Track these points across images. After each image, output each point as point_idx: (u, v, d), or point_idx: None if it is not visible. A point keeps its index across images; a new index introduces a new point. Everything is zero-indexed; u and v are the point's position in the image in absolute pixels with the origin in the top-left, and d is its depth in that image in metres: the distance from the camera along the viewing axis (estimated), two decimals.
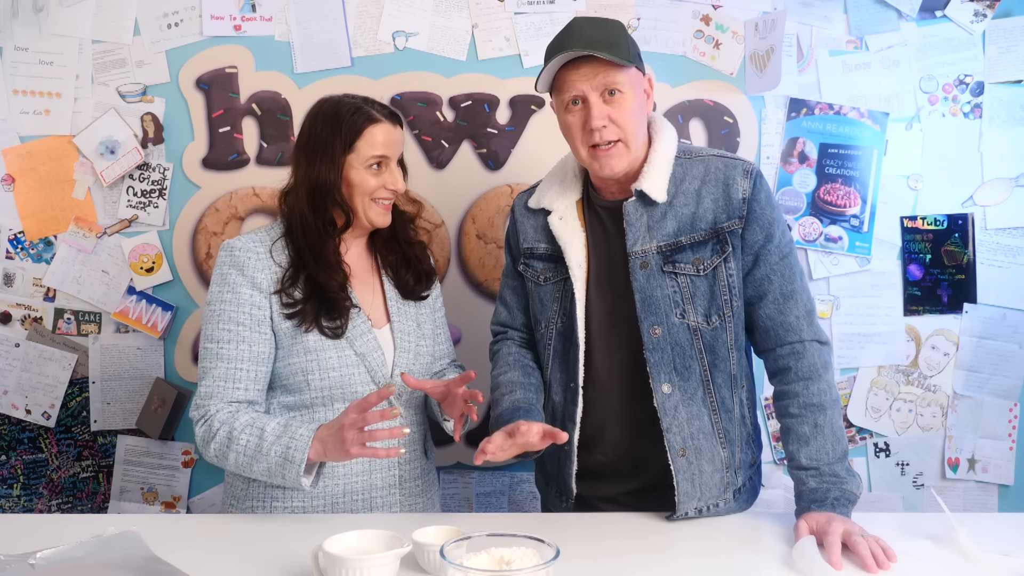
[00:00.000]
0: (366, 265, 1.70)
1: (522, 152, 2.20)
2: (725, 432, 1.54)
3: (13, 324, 2.19)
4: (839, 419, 1.49)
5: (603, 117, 1.47)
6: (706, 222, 1.52)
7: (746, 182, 1.52)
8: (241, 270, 1.57)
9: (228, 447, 1.49)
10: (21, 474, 2.21)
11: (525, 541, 1.03)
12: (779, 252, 1.53)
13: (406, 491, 1.64)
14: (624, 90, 1.48)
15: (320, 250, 1.59)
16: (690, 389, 1.52)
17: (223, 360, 1.54)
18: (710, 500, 1.52)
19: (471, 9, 2.18)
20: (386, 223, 1.64)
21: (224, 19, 2.17)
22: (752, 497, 1.63)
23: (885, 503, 2.22)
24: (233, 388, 1.54)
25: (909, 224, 2.20)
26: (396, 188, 1.61)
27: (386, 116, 1.61)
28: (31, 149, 2.17)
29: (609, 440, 1.58)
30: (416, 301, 1.70)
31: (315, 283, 1.58)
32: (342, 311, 1.58)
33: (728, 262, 1.51)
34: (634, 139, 1.51)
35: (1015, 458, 2.22)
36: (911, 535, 1.42)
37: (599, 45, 1.45)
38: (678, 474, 1.49)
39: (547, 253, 1.63)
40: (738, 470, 1.56)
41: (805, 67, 2.20)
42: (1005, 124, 2.19)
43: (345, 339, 1.58)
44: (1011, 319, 2.21)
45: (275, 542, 1.38)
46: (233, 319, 1.55)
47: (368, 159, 1.58)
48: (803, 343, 1.52)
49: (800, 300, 1.53)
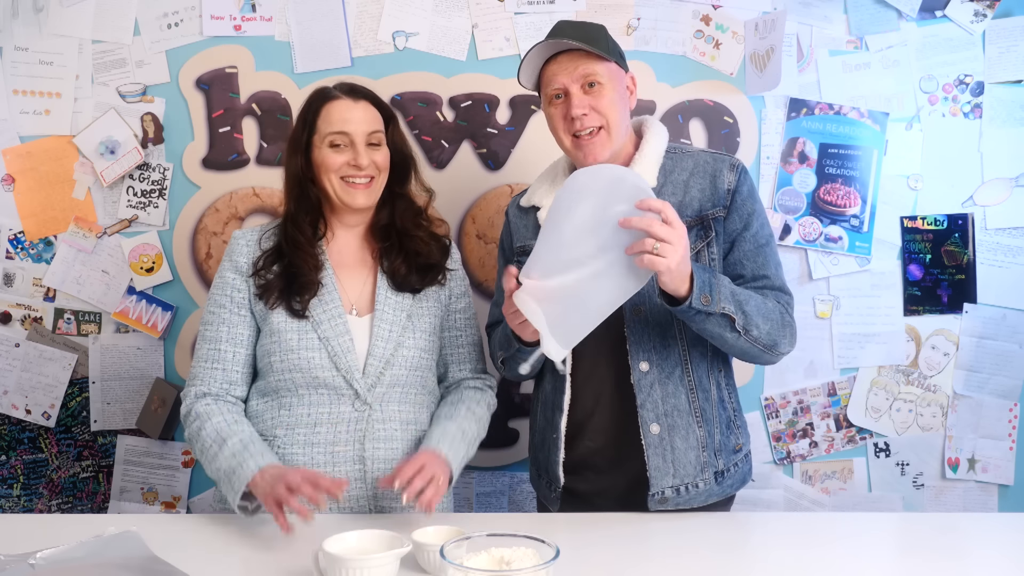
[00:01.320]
0: (359, 255, 1.69)
1: (522, 152, 2.20)
2: (702, 411, 1.57)
3: (13, 324, 2.19)
4: (768, 312, 1.50)
5: (583, 106, 1.54)
6: (692, 209, 1.58)
7: (732, 175, 1.60)
8: (230, 256, 1.66)
9: (195, 439, 1.56)
10: (21, 474, 2.21)
11: (525, 541, 1.03)
12: (754, 241, 1.58)
13: (382, 493, 1.58)
14: (603, 81, 1.55)
15: (293, 232, 1.63)
16: (668, 367, 1.56)
17: (207, 341, 1.62)
18: (686, 479, 1.55)
19: (471, 9, 2.18)
20: (364, 203, 1.62)
21: (224, 19, 2.17)
22: (739, 484, 1.65)
23: (885, 503, 2.22)
24: (212, 368, 1.60)
25: (909, 224, 2.20)
26: (359, 163, 1.59)
27: (346, 92, 1.63)
28: (31, 149, 2.17)
29: (595, 426, 1.62)
30: (413, 294, 1.66)
31: (292, 266, 1.61)
32: (307, 289, 1.59)
33: (711, 247, 1.57)
34: (616, 127, 1.56)
35: (1015, 458, 2.22)
36: (911, 535, 1.42)
37: (578, 39, 1.54)
38: (648, 448, 1.54)
39: None
40: (718, 452, 1.58)
41: (805, 67, 2.20)
42: (1005, 124, 2.19)
43: (310, 322, 1.58)
44: (1011, 319, 2.21)
45: (275, 542, 1.38)
46: (217, 302, 1.64)
47: (326, 136, 1.60)
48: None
49: (772, 286, 1.57)
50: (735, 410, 1.65)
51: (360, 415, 1.58)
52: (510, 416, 2.23)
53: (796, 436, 2.22)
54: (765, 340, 1.49)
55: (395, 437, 1.60)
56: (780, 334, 1.52)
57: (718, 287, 1.43)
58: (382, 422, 1.59)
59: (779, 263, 1.61)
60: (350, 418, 1.58)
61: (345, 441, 1.58)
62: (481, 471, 2.23)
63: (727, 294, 1.44)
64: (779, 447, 2.22)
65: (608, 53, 1.55)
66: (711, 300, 1.41)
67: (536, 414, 1.73)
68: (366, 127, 1.61)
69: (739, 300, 1.46)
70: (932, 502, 2.23)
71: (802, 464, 2.23)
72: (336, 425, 1.58)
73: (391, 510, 1.59)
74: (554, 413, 1.63)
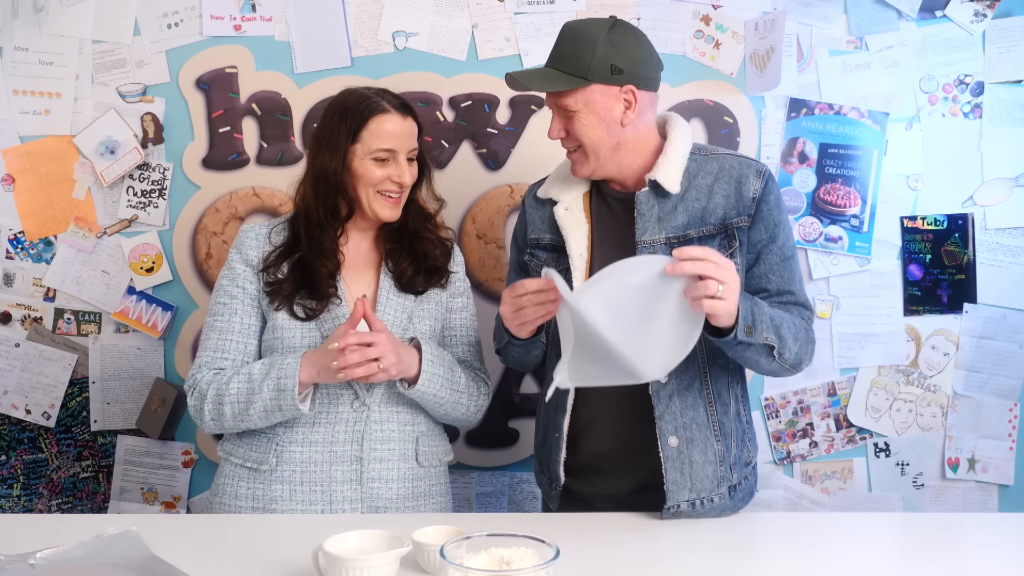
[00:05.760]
0: (368, 256, 1.70)
1: (522, 152, 2.19)
2: (720, 425, 1.55)
3: (13, 324, 2.19)
4: (797, 331, 1.49)
5: (558, 131, 1.57)
6: (716, 217, 1.54)
7: (758, 182, 1.55)
8: (239, 248, 1.66)
9: (221, 403, 1.55)
10: (21, 474, 2.21)
11: (525, 541, 1.03)
12: (781, 254, 1.55)
13: (373, 492, 1.59)
14: (576, 109, 1.53)
15: (319, 238, 1.61)
16: (687, 379, 1.53)
17: (215, 331, 1.62)
18: (703, 493, 1.52)
19: (471, 9, 2.18)
20: (393, 217, 1.64)
21: (224, 19, 2.17)
22: (748, 497, 1.63)
23: (885, 503, 2.22)
24: (221, 358, 1.60)
25: (909, 224, 2.20)
26: (402, 181, 1.61)
27: (396, 107, 1.61)
28: (31, 149, 2.17)
29: (601, 429, 1.60)
30: (416, 296, 1.67)
31: (304, 266, 1.60)
32: (323, 296, 1.59)
33: (734, 257, 1.53)
34: (595, 148, 1.55)
35: (1015, 458, 2.22)
36: (911, 535, 1.42)
37: (559, 62, 1.53)
38: (667, 461, 1.51)
39: (551, 244, 1.66)
40: (733, 466, 1.57)
41: (805, 67, 2.20)
42: (1005, 124, 2.19)
43: (314, 321, 1.59)
44: (1011, 319, 2.21)
45: (275, 542, 1.38)
46: (228, 292, 1.63)
47: (373, 150, 1.58)
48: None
49: (796, 301, 1.56)
50: (748, 422, 1.64)
51: (359, 416, 1.59)
52: (510, 416, 2.22)
53: (796, 436, 2.22)
54: (793, 360, 1.50)
55: (393, 438, 1.61)
56: (805, 352, 1.53)
57: (759, 316, 1.41)
58: (380, 423, 1.60)
59: (802, 277, 1.60)
60: (348, 418, 1.59)
61: (343, 441, 1.58)
62: (481, 471, 2.23)
63: (767, 322, 1.42)
64: (779, 447, 2.22)
65: (587, 74, 1.49)
66: (754, 331, 1.40)
67: (540, 410, 1.73)
68: (410, 144, 1.62)
69: (776, 325, 1.45)
70: (932, 502, 2.23)
71: (802, 464, 2.23)
72: (335, 425, 1.58)
73: (388, 510, 1.60)
74: (557, 412, 1.62)
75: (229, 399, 1.54)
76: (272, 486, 1.58)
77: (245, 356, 1.62)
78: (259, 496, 1.59)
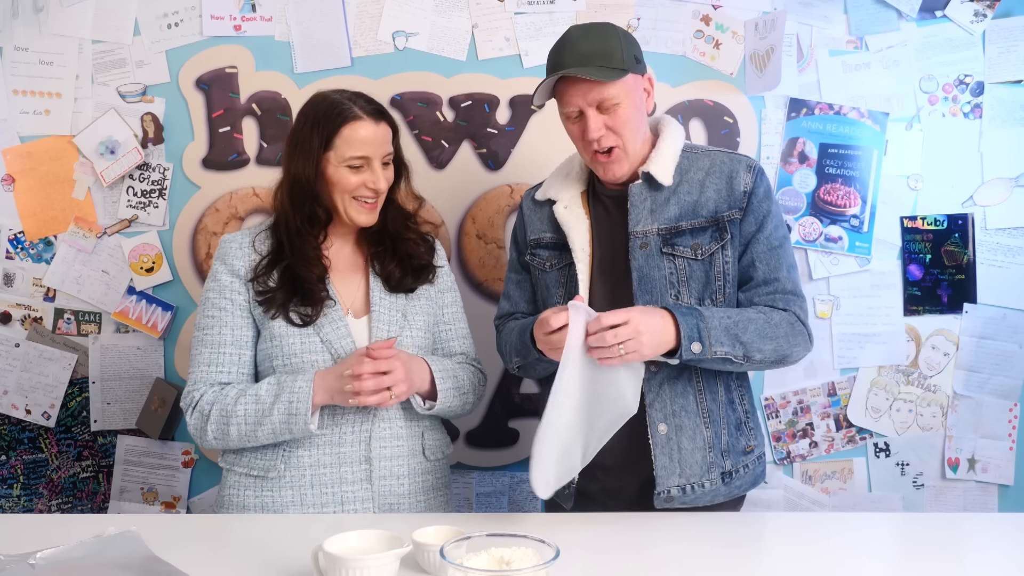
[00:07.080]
0: (353, 258, 1.70)
1: (522, 152, 2.19)
2: (709, 412, 1.58)
3: (13, 324, 2.19)
4: (769, 329, 1.52)
5: (599, 128, 1.55)
6: (707, 210, 1.58)
7: (748, 176, 1.59)
8: (223, 259, 1.63)
9: (227, 423, 1.53)
10: (21, 474, 2.21)
11: (525, 541, 1.03)
12: (767, 243, 1.59)
13: (385, 490, 1.59)
14: (619, 101, 1.54)
15: (300, 245, 1.61)
16: (676, 369, 1.56)
17: (207, 346, 1.60)
18: (692, 479, 1.55)
19: (471, 9, 2.18)
20: (370, 222, 1.64)
21: (224, 19, 2.17)
22: (749, 485, 1.65)
23: (885, 503, 2.22)
24: (217, 371, 1.59)
25: (909, 224, 2.20)
26: (377, 188, 1.60)
27: (369, 114, 1.59)
28: (31, 149, 2.17)
29: None
30: (406, 294, 1.68)
31: (292, 273, 1.60)
32: (316, 301, 1.59)
33: (725, 249, 1.57)
34: (632, 144, 1.58)
35: (1015, 458, 2.22)
36: (911, 535, 1.42)
37: (593, 59, 1.51)
38: (655, 447, 1.55)
39: (552, 242, 1.69)
40: (725, 453, 1.59)
41: (805, 67, 2.20)
42: (1005, 124, 2.19)
43: (312, 327, 1.59)
44: (1011, 319, 2.21)
45: (275, 542, 1.38)
46: (216, 305, 1.61)
47: (347, 158, 1.57)
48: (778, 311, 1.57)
49: (783, 290, 1.58)
50: (747, 411, 1.65)
51: (365, 415, 1.59)
52: (510, 416, 2.22)
53: (796, 436, 2.22)
54: (772, 358, 1.52)
55: (401, 435, 1.62)
56: (789, 344, 1.54)
57: (707, 330, 1.45)
58: (387, 420, 1.60)
59: (793, 264, 1.61)
60: (354, 418, 1.59)
61: (351, 441, 1.58)
62: (481, 471, 2.23)
63: (719, 333, 1.46)
64: (779, 447, 2.22)
65: (624, 66, 1.52)
66: (703, 346, 1.44)
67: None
68: (384, 149, 1.61)
69: (734, 333, 1.48)
70: (932, 502, 2.23)
71: (802, 464, 2.23)
72: (340, 426, 1.58)
73: (400, 507, 1.60)
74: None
75: (236, 420, 1.53)
76: (281, 492, 1.58)
77: (241, 368, 1.60)
78: (268, 504, 1.58)
